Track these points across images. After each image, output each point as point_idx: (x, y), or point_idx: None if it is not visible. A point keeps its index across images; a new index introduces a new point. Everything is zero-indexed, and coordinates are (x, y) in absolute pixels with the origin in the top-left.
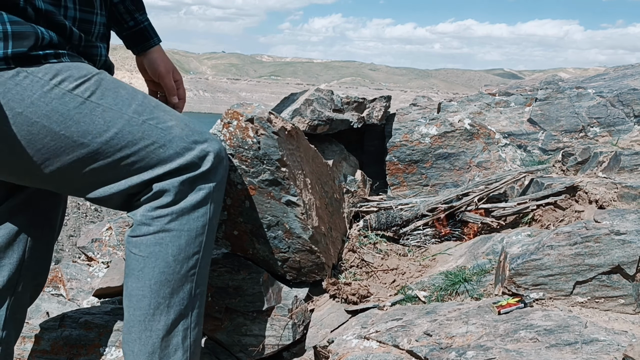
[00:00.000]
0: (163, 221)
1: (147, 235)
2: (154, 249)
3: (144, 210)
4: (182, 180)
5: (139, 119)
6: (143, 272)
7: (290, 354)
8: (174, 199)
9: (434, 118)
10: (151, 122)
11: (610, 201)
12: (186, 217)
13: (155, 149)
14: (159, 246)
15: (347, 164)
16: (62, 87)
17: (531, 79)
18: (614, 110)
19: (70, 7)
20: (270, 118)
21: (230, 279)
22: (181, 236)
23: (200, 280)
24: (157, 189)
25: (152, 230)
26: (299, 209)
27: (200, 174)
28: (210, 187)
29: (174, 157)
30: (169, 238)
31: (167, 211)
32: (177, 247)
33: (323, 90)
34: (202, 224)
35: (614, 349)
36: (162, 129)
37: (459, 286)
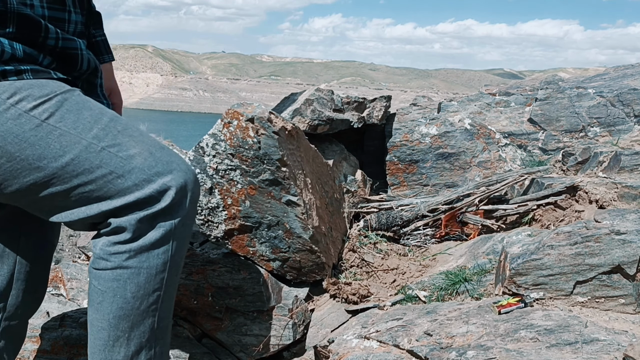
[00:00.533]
0: (121, 258)
1: (106, 270)
2: (112, 284)
3: (102, 244)
4: (140, 217)
5: (98, 145)
6: (102, 306)
7: (291, 353)
8: (132, 237)
9: (434, 118)
10: (111, 150)
11: (610, 201)
12: (145, 255)
13: (112, 179)
14: (116, 282)
15: (347, 163)
16: (19, 107)
17: (531, 79)
18: (614, 110)
19: (37, 5)
20: (270, 118)
21: (231, 279)
22: (140, 273)
23: (163, 314)
24: (114, 224)
25: (110, 266)
26: (299, 209)
27: (160, 210)
28: (172, 223)
29: (132, 189)
30: (127, 275)
31: (125, 248)
32: (136, 285)
33: (323, 90)
34: (162, 262)
35: (614, 348)
36: (122, 158)
37: (459, 286)
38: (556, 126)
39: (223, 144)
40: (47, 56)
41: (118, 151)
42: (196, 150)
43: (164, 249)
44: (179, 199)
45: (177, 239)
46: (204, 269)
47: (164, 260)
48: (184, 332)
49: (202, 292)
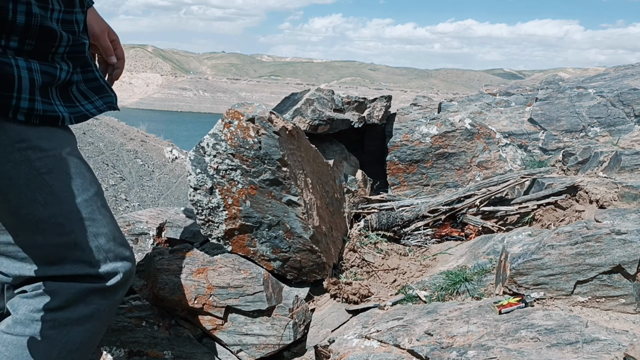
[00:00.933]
0: (42, 326)
1: (19, 336)
2: (21, 352)
3: (27, 310)
4: (79, 288)
5: (77, 215)
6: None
7: (291, 353)
8: (60, 305)
9: (435, 118)
10: (86, 222)
11: (610, 201)
12: (67, 328)
13: (73, 249)
14: (26, 351)
15: (347, 163)
16: (24, 154)
17: (531, 79)
18: (615, 110)
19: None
20: (271, 118)
21: (231, 279)
22: (55, 346)
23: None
24: (50, 287)
25: (27, 332)
26: (300, 209)
27: (100, 288)
28: (102, 304)
29: (86, 263)
30: (42, 346)
31: (50, 317)
32: (47, 357)
33: (324, 90)
34: (80, 340)
35: (614, 348)
36: (91, 233)
37: (459, 286)
38: (556, 126)
39: (224, 144)
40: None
41: (90, 225)
42: (197, 150)
43: (86, 327)
44: (119, 285)
45: (101, 321)
46: (205, 268)
47: (82, 339)
48: (185, 332)
49: (203, 292)
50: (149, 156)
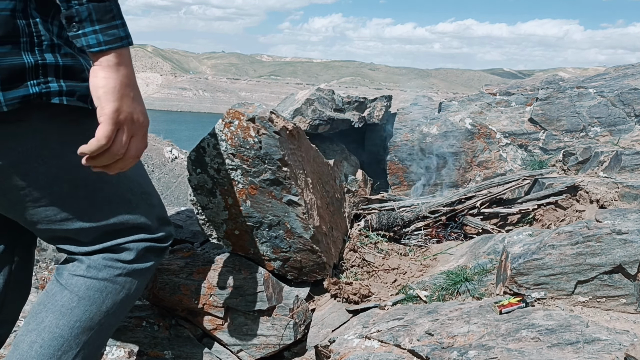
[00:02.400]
0: (113, 272)
1: (93, 279)
2: (93, 294)
3: (102, 257)
4: (146, 246)
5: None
6: (72, 312)
7: (292, 353)
8: (132, 259)
9: (435, 118)
10: (146, 196)
11: (611, 201)
12: (131, 278)
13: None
14: (98, 293)
15: (348, 163)
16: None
17: (532, 79)
18: (615, 110)
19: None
20: (271, 118)
21: (232, 279)
22: (121, 292)
23: (108, 338)
24: (125, 244)
25: (100, 276)
26: (300, 209)
27: (159, 249)
28: (155, 262)
29: (147, 231)
30: (110, 289)
31: (120, 265)
32: (113, 302)
33: (324, 90)
34: (136, 289)
35: (615, 348)
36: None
37: (460, 286)
38: (557, 126)
39: (224, 144)
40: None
41: (147, 199)
42: (197, 150)
43: (143, 280)
44: (168, 247)
45: (149, 277)
46: (205, 268)
47: (137, 287)
48: (185, 332)
49: (203, 291)
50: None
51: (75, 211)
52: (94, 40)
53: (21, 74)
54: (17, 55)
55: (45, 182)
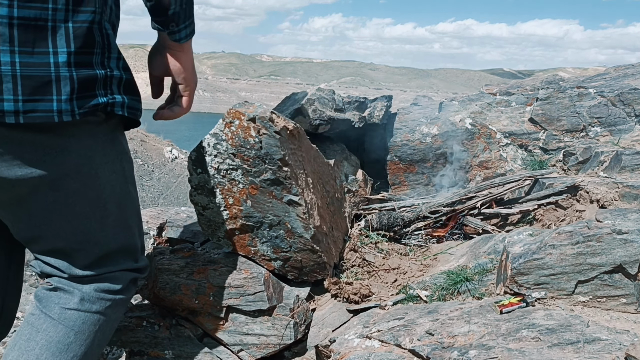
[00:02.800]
0: (105, 304)
1: (88, 312)
2: (89, 327)
3: (91, 289)
4: (132, 277)
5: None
6: (69, 347)
7: (292, 353)
8: (120, 289)
9: (435, 118)
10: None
11: (611, 201)
12: (118, 309)
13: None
14: (93, 326)
15: (348, 163)
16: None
17: (532, 79)
18: (615, 110)
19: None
20: (272, 117)
21: (232, 279)
22: (109, 322)
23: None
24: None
25: (94, 309)
26: (301, 209)
27: (138, 278)
28: (134, 289)
29: (134, 260)
30: (103, 321)
31: (111, 297)
32: (103, 333)
33: (324, 90)
34: (118, 318)
35: (616, 348)
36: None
37: (460, 285)
38: (557, 126)
39: (225, 144)
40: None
41: (139, 225)
42: (198, 149)
43: (124, 308)
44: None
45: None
46: (205, 268)
47: (119, 318)
48: (185, 332)
49: (204, 291)
50: (149, 156)
51: (85, 230)
52: (184, 33)
53: (92, 85)
54: (90, 66)
55: (71, 199)
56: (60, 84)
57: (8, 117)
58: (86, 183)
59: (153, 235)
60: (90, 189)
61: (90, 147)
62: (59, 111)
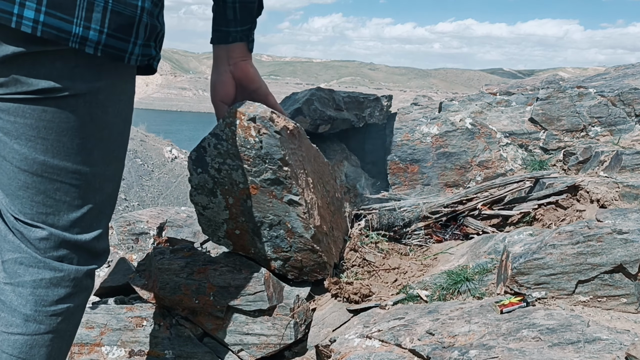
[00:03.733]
0: (56, 320)
1: (34, 335)
2: (38, 351)
3: (36, 303)
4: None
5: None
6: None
7: (292, 353)
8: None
9: (435, 117)
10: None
11: (611, 200)
12: (74, 316)
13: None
14: (44, 349)
15: (348, 163)
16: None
17: (532, 79)
18: (615, 110)
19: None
20: (272, 117)
21: (232, 278)
22: (65, 336)
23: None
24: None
25: (41, 330)
26: (301, 208)
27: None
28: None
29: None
30: (56, 340)
31: (64, 308)
32: (59, 349)
33: (324, 90)
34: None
35: (616, 348)
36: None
37: (461, 285)
38: (557, 126)
39: (225, 144)
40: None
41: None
42: (198, 149)
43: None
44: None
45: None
46: (206, 268)
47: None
48: (185, 332)
49: (204, 291)
50: (149, 156)
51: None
52: (252, 44)
53: (154, 35)
54: (155, 17)
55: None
56: (140, 28)
57: (89, 47)
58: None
59: (153, 235)
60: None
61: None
62: (131, 53)
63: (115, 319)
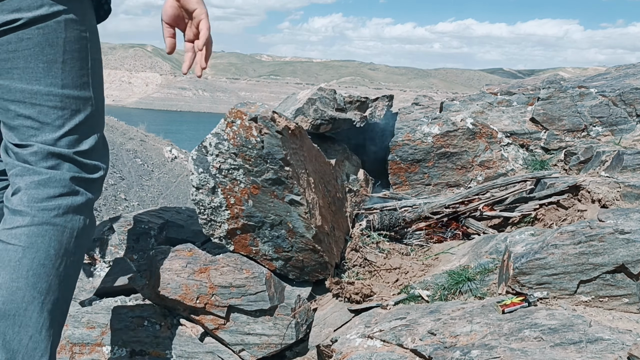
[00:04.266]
0: (49, 214)
1: (31, 226)
2: (35, 240)
3: (29, 200)
4: (71, 176)
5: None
6: (20, 263)
7: (293, 353)
8: (62, 193)
9: (436, 117)
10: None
11: (613, 200)
12: (70, 216)
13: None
14: (41, 238)
15: (349, 163)
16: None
17: (532, 79)
18: (616, 110)
19: None
20: (273, 117)
21: (234, 278)
22: (64, 232)
23: (72, 287)
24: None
25: (36, 222)
26: (302, 208)
27: (86, 178)
28: (90, 198)
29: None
30: (52, 232)
31: (54, 204)
32: (59, 242)
33: (326, 90)
34: (81, 227)
35: (618, 347)
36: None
37: (462, 285)
38: (558, 125)
39: (226, 143)
40: None
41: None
42: (199, 149)
43: (84, 216)
44: (100, 181)
45: (91, 215)
46: (207, 268)
47: (82, 225)
48: (187, 332)
49: (205, 291)
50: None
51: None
52: None
53: None
54: None
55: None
56: None
57: None
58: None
59: (154, 235)
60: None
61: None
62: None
63: (116, 319)
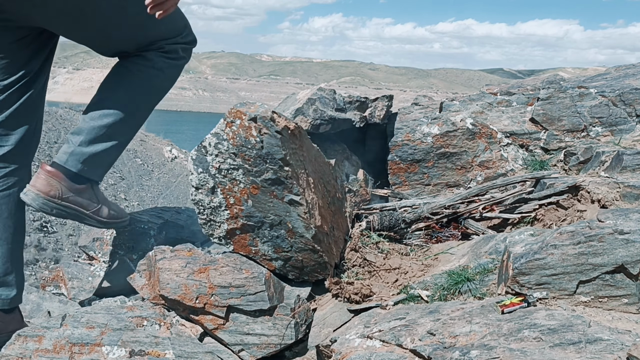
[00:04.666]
0: (158, 62)
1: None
2: (138, 70)
3: (155, 55)
4: (181, 47)
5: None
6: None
7: (293, 353)
8: (177, 56)
9: (436, 117)
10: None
11: (612, 201)
12: (174, 70)
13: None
14: (142, 71)
15: (349, 163)
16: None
17: (532, 79)
18: (616, 110)
19: None
20: (273, 117)
21: (233, 278)
22: (159, 75)
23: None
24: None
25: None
26: (302, 208)
27: (191, 48)
28: (187, 59)
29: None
30: (161, 75)
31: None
32: (161, 81)
33: (325, 90)
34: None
35: (618, 348)
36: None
37: (461, 285)
38: (558, 126)
39: (226, 143)
40: None
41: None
42: (199, 149)
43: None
44: (190, 52)
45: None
46: (206, 268)
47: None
48: (186, 332)
49: (204, 291)
50: (148, 155)
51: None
52: None
53: None
54: None
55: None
56: None
57: None
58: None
59: (154, 235)
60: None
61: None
62: None
63: (115, 318)
